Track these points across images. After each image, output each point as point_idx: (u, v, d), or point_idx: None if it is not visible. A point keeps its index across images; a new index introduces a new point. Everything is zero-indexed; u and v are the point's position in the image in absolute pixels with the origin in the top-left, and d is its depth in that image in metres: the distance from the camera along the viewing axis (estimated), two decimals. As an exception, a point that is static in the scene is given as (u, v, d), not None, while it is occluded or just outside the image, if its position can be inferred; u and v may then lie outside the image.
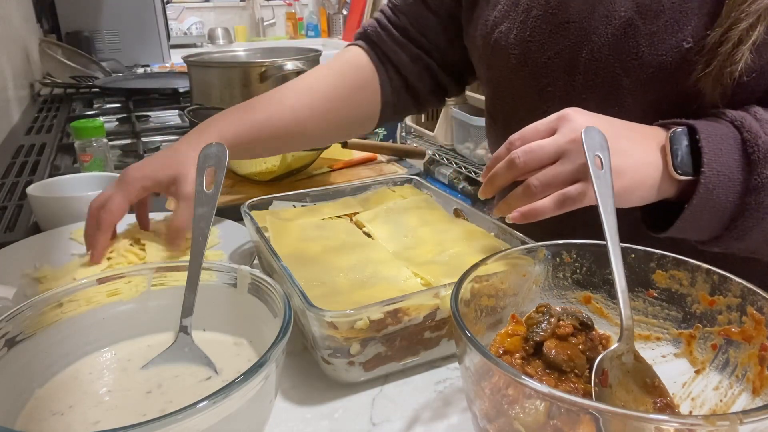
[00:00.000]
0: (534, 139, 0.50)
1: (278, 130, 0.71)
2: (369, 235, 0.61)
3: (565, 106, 0.61)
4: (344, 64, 0.78)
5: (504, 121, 0.73)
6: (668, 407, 0.37)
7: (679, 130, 0.50)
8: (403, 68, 0.78)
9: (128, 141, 1.25)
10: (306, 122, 0.73)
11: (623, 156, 0.48)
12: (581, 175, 0.48)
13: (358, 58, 0.79)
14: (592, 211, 0.43)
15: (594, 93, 0.61)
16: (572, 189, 0.48)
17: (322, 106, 0.74)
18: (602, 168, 0.44)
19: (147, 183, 0.61)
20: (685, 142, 0.49)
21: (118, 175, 0.79)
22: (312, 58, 1.27)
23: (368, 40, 0.80)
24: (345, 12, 3.99)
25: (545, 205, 0.49)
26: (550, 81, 0.64)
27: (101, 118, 1.06)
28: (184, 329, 0.44)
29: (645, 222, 0.54)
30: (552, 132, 0.50)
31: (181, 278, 0.46)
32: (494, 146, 0.77)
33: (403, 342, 0.47)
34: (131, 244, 0.63)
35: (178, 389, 0.40)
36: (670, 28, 0.55)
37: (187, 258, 0.46)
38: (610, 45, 0.58)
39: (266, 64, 1.21)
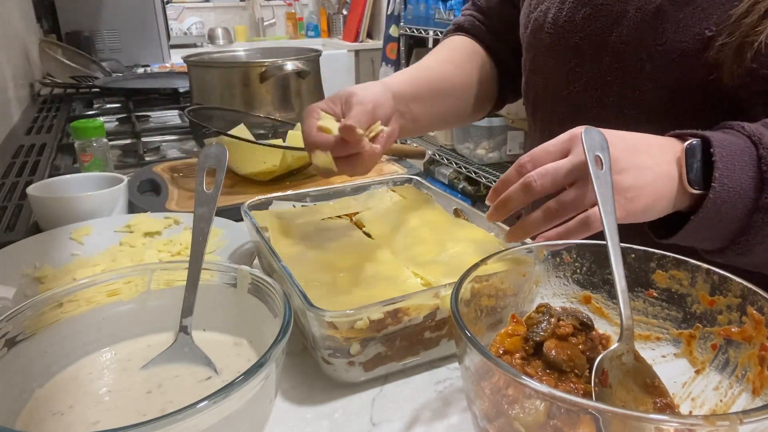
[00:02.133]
0: (545, 161, 0.49)
1: (436, 78, 0.74)
2: (369, 235, 0.61)
3: (590, 88, 0.64)
4: (462, 47, 0.81)
5: (534, 105, 0.75)
6: (668, 407, 0.37)
7: (694, 142, 0.49)
8: (506, 59, 0.82)
9: (128, 141, 1.25)
10: (452, 78, 0.77)
11: (643, 172, 0.47)
12: None
13: (470, 44, 0.82)
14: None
15: (617, 77, 0.62)
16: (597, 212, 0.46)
17: (462, 68, 0.78)
18: (602, 168, 0.44)
19: (325, 104, 0.61)
20: (699, 155, 0.49)
21: (118, 175, 0.79)
22: (312, 58, 1.27)
23: (468, 32, 0.83)
24: (345, 12, 3.99)
25: (570, 227, 0.47)
26: (578, 62, 0.65)
27: (101, 118, 1.06)
28: (184, 329, 0.44)
29: (649, 226, 0.53)
30: (565, 153, 0.49)
31: (181, 278, 0.46)
32: (530, 136, 0.80)
33: (403, 342, 0.47)
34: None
35: (178, 389, 0.40)
36: (697, 15, 0.55)
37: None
38: (639, 29, 0.59)
39: (266, 64, 1.21)
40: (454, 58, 0.79)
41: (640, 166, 0.48)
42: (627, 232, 0.44)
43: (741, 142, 0.49)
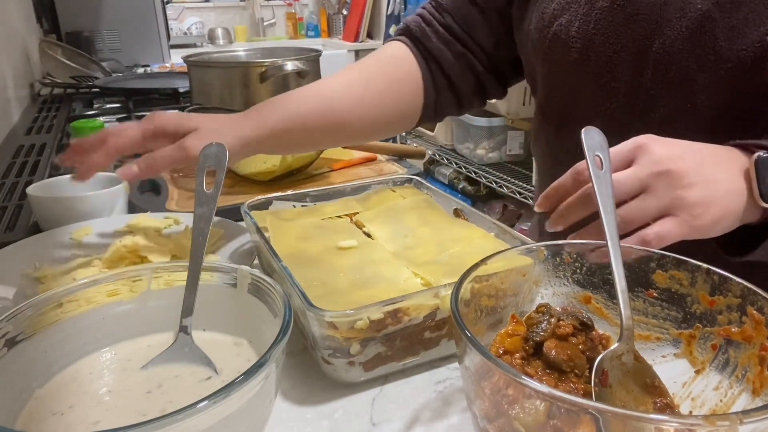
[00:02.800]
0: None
1: (312, 119, 0.68)
2: (369, 235, 0.61)
3: (631, 103, 0.59)
4: (385, 57, 0.76)
5: (559, 120, 0.70)
6: (668, 407, 0.37)
7: (764, 155, 0.47)
8: (447, 66, 0.75)
9: (128, 141, 1.25)
10: (341, 111, 0.70)
11: (711, 186, 0.45)
12: (668, 209, 0.45)
13: (399, 51, 0.76)
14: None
15: (664, 90, 0.57)
16: (662, 229, 0.44)
17: (358, 95, 0.71)
18: (602, 168, 0.44)
19: (166, 121, 0.60)
20: None
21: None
22: (312, 58, 1.27)
23: (411, 35, 0.77)
24: (345, 12, 3.99)
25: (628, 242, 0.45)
26: (614, 76, 0.61)
27: (101, 118, 1.06)
28: (183, 329, 0.44)
29: (721, 245, 0.51)
30: (628, 163, 0.47)
31: (181, 278, 0.46)
32: (544, 148, 0.75)
33: (403, 342, 0.47)
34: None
35: (178, 389, 0.40)
36: (751, 20, 0.51)
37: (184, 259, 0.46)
38: (684, 39, 0.55)
39: (266, 64, 1.21)
40: (370, 83, 0.72)
41: (710, 180, 0.45)
42: (689, 247, 0.43)
43: None
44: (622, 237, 0.45)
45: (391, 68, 0.75)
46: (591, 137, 0.45)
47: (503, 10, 0.73)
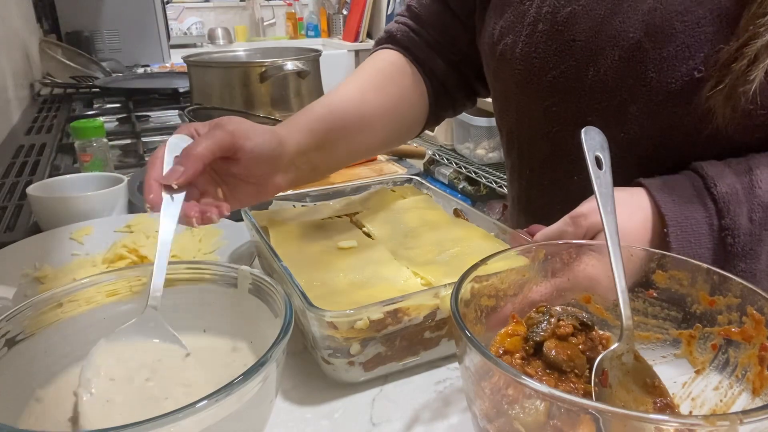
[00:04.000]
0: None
1: (342, 117, 0.64)
2: (369, 235, 0.61)
3: (571, 128, 0.58)
4: (386, 65, 0.73)
5: (508, 135, 0.70)
6: (668, 407, 0.37)
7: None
8: (441, 74, 0.74)
9: (128, 141, 1.25)
10: (364, 112, 0.66)
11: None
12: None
13: (396, 59, 0.73)
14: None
15: (600, 117, 0.58)
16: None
17: (378, 102, 0.68)
18: (602, 168, 0.44)
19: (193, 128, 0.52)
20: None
21: (118, 175, 0.79)
22: (312, 58, 1.27)
23: (399, 44, 0.74)
24: (345, 12, 3.99)
25: None
26: (555, 101, 0.61)
27: (101, 118, 1.06)
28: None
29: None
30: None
31: (181, 278, 0.46)
32: (510, 170, 0.75)
33: (403, 342, 0.47)
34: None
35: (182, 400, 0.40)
36: (681, 54, 0.51)
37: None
38: (617, 68, 0.55)
39: (266, 64, 1.21)
40: (377, 83, 0.70)
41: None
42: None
43: (699, 213, 0.48)
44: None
45: (398, 77, 0.72)
46: (591, 137, 0.45)
47: (473, 14, 0.71)
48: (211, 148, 0.49)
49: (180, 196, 0.47)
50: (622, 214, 0.43)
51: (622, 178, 0.48)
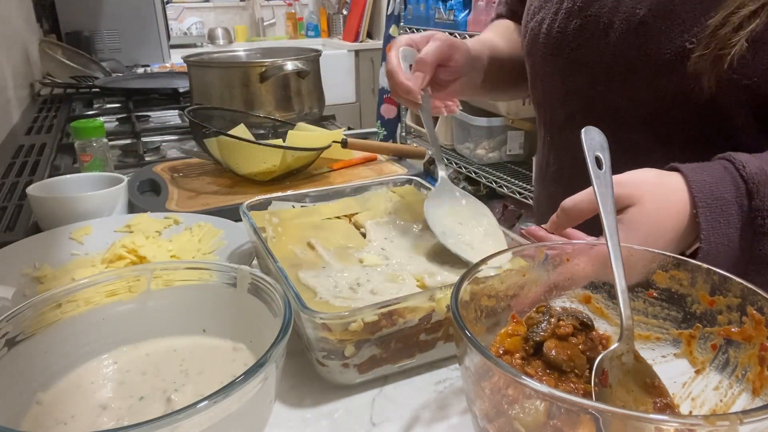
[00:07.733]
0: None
1: (494, 49, 0.80)
2: (366, 236, 0.61)
3: (584, 98, 0.66)
4: (511, 28, 0.86)
5: (536, 108, 0.78)
6: (668, 407, 0.37)
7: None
8: None
9: (128, 141, 1.25)
10: (509, 52, 0.82)
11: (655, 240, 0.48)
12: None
13: (514, 26, 0.87)
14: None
15: (607, 87, 0.63)
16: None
17: (512, 44, 0.83)
18: (602, 168, 0.44)
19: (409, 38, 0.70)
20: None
21: (118, 175, 0.79)
22: (312, 58, 1.27)
23: (506, 17, 0.89)
24: (345, 12, 3.99)
25: None
26: (571, 72, 0.67)
27: (101, 118, 1.06)
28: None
29: None
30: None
31: (181, 278, 0.46)
32: (538, 137, 0.83)
33: (398, 344, 0.47)
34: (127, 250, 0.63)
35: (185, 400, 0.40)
36: (677, 27, 0.56)
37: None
38: (623, 42, 0.60)
39: (266, 64, 1.21)
40: (505, 35, 0.85)
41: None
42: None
43: (728, 192, 0.49)
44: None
45: (512, 29, 0.87)
46: (591, 137, 0.45)
47: None
48: (439, 56, 0.67)
49: (426, 95, 0.65)
50: (658, 195, 0.49)
51: (629, 140, 0.59)
